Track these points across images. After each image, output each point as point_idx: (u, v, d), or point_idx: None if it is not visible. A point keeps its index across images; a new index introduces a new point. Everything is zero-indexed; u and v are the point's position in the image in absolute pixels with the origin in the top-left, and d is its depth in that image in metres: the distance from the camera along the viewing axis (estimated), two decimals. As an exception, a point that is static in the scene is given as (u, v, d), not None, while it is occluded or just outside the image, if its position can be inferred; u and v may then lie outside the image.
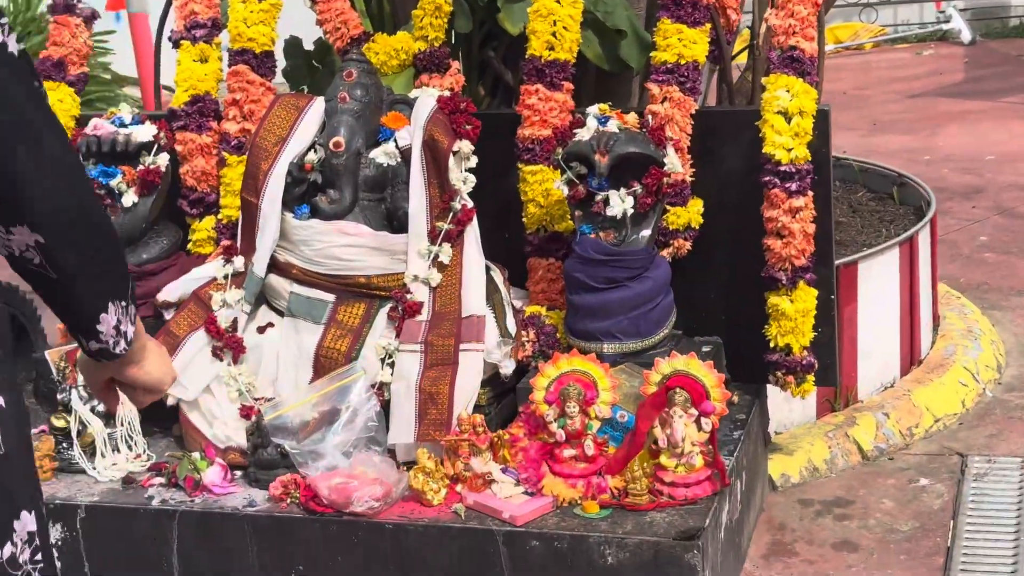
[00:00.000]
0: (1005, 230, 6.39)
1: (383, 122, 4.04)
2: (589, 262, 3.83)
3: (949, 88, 8.99)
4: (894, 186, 5.46)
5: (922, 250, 4.87)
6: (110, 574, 3.77)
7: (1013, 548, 3.93)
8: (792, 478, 4.35)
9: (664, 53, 4.01)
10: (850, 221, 5.15)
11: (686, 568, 3.35)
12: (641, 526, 3.43)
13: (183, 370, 3.92)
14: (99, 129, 4.22)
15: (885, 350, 4.73)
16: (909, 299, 4.80)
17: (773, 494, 4.30)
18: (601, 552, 3.41)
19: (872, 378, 4.69)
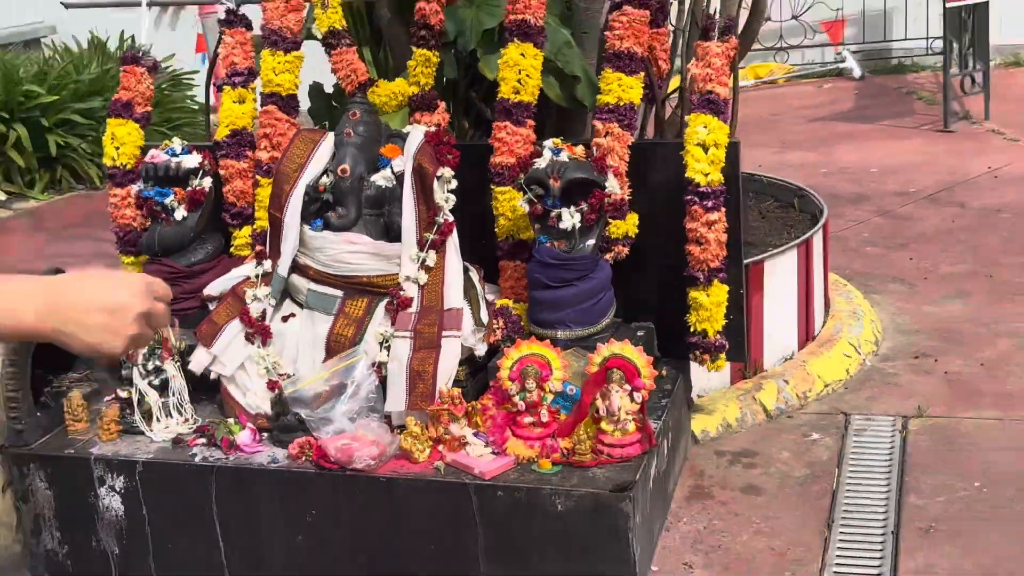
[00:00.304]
0: (883, 228, 6.13)
1: (382, 152, 3.78)
2: (546, 266, 3.59)
3: (843, 114, 8.73)
4: (795, 197, 5.21)
5: (815, 249, 4.62)
6: (162, 517, 3.54)
7: (885, 491, 3.68)
8: (710, 433, 4.10)
9: (607, 96, 3.75)
10: (759, 225, 4.90)
11: (620, 514, 3.16)
12: (585, 480, 3.23)
13: (222, 351, 3.74)
14: (155, 158, 3.97)
15: (785, 329, 4.47)
16: (805, 288, 4.54)
17: (695, 446, 4.05)
18: (552, 501, 3.20)
19: (775, 352, 4.44)
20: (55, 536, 3.66)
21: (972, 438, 3.94)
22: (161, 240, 3.97)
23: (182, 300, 3.97)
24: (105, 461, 3.56)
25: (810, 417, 4.19)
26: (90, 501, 3.59)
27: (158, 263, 3.99)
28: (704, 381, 4.16)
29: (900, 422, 4.09)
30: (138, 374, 3.68)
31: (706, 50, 3.71)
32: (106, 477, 3.57)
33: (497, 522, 3.25)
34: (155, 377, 3.69)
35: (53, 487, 3.63)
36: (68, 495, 3.62)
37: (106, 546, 3.62)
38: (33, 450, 3.64)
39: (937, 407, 4.17)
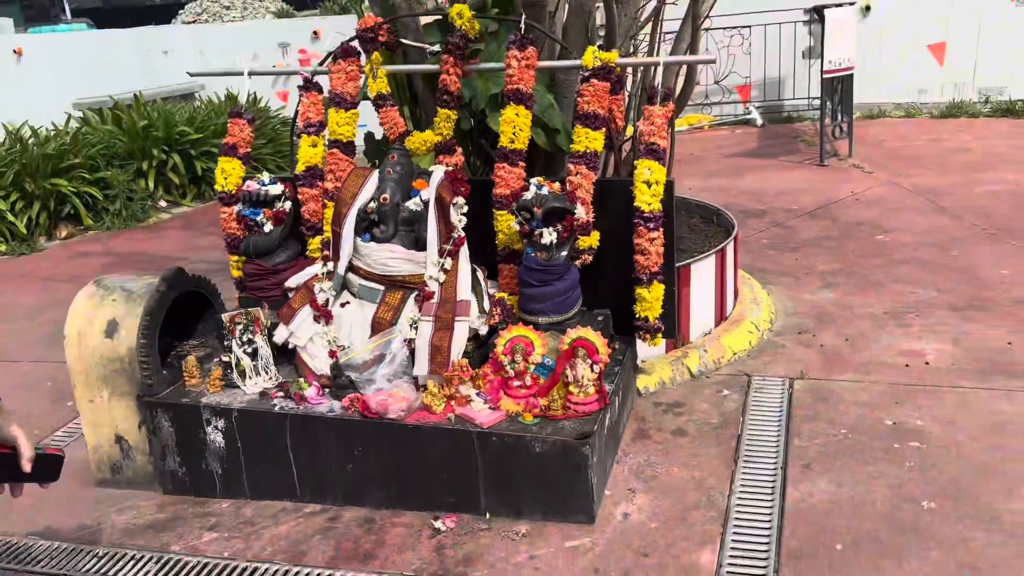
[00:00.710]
0: (778, 236, 5.79)
1: (413, 185, 3.48)
2: (531, 270, 3.30)
3: (749, 152, 8.38)
4: (714, 215, 4.89)
5: (728, 254, 4.31)
6: (252, 449, 3.30)
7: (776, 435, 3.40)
8: (650, 388, 3.81)
9: (577, 145, 3.44)
10: (688, 237, 4.59)
11: (581, 456, 2.92)
12: (556, 430, 2.98)
13: (297, 328, 3.49)
14: (250, 187, 3.68)
15: (705, 312, 4.18)
16: (720, 283, 4.24)
17: (639, 399, 3.77)
18: (532, 445, 2.95)
19: (697, 329, 4.14)
20: (176, 460, 3.42)
21: (839, 396, 3.66)
22: (255, 247, 3.70)
23: (270, 290, 3.71)
24: (211, 407, 3.31)
25: (723, 377, 3.90)
26: (200, 436, 3.35)
27: (253, 263, 3.72)
28: (646, 351, 3.88)
29: (787, 382, 3.80)
30: (236, 344, 3.42)
31: (650, 112, 3.40)
32: (211, 419, 3.32)
33: (493, 460, 3.00)
34: (248, 346, 3.43)
35: (174, 425, 3.39)
36: (185, 431, 3.38)
37: (212, 468, 3.38)
38: (160, 398, 3.39)
39: (815, 371, 3.88)
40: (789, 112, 10.02)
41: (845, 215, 6.12)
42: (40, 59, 9.39)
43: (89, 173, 7.91)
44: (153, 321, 3.38)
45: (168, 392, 3.43)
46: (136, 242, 7.36)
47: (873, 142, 8.27)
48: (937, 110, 9.44)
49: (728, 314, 4.34)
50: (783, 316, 4.49)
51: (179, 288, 3.52)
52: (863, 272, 5.02)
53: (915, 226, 5.75)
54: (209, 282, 3.71)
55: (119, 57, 10.23)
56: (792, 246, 5.57)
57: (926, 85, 9.76)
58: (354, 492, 3.22)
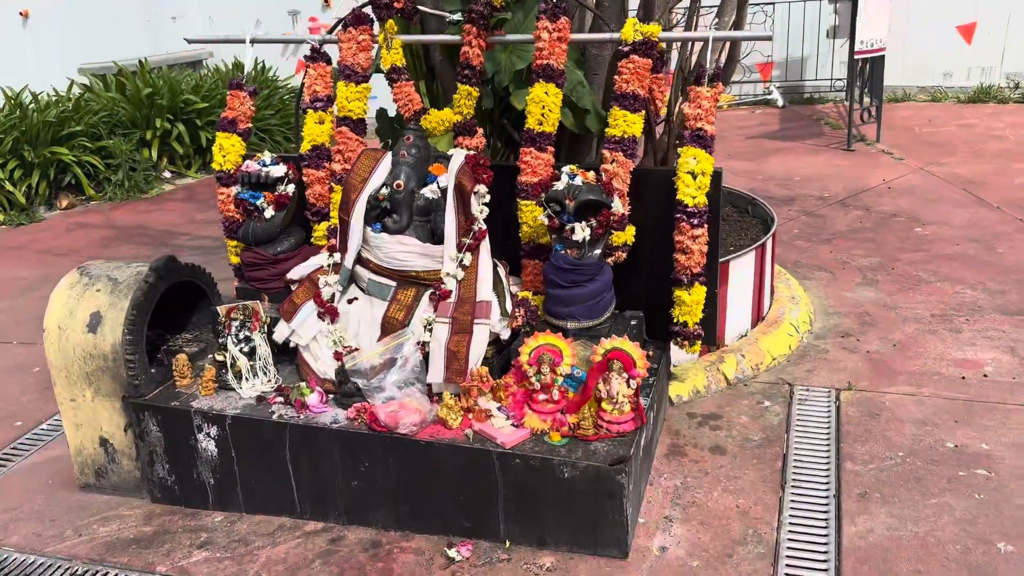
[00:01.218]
0: (809, 226, 5.35)
1: (430, 170, 3.05)
2: (560, 269, 2.88)
3: (771, 134, 7.90)
4: (748, 204, 4.44)
5: (767, 250, 3.87)
6: (247, 459, 2.91)
7: (825, 456, 3.00)
8: (683, 397, 3.41)
9: (614, 129, 3.00)
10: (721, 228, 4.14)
11: (616, 484, 2.52)
12: (588, 453, 2.56)
13: (299, 325, 3.07)
14: (250, 167, 3.25)
15: (742, 313, 3.76)
16: (759, 281, 3.81)
17: (671, 408, 3.36)
18: (561, 470, 2.54)
19: (733, 330, 3.73)
20: (165, 467, 3.04)
21: (892, 411, 3.25)
22: (254, 233, 3.27)
23: (270, 281, 3.29)
24: (202, 413, 2.92)
25: (762, 386, 3.49)
26: (190, 443, 2.96)
27: (251, 251, 3.30)
28: (679, 355, 3.47)
29: (834, 394, 3.39)
30: (231, 342, 3.01)
31: (697, 94, 2.96)
32: (203, 426, 2.93)
33: (515, 483, 2.60)
34: (245, 345, 3.02)
35: (163, 430, 2.99)
36: (174, 437, 2.99)
37: (204, 478, 3.00)
38: (147, 401, 3.00)
39: (862, 381, 3.47)
40: (811, 93, 9.51)
41: (878, 205, 5.68)
42: (47, 22, 8.89)
43: (91, 142, 7.47)
44: (140, 315, 2.98)
45: (157, 393, 3.04)
46: (138, 214, 6.94)
47: (900, 127, 7.79)
48: (964, 95, 8.93)
49: (765, 314, 3.92)
50: (822, 316, 4.07)
51: (170, 278, 3.11)
52: (904, 268, 4.59)
53: (954, 219, 5.31)
54: (203, 271, 3.30)
55: (126, 22, 9.71)
56: (825, 237, 5.13)
57: (952, 68, 9.24)
58: (359, 510, 2.83)
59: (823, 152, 7.16)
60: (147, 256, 5.71)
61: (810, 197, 5.93)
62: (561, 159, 3.14)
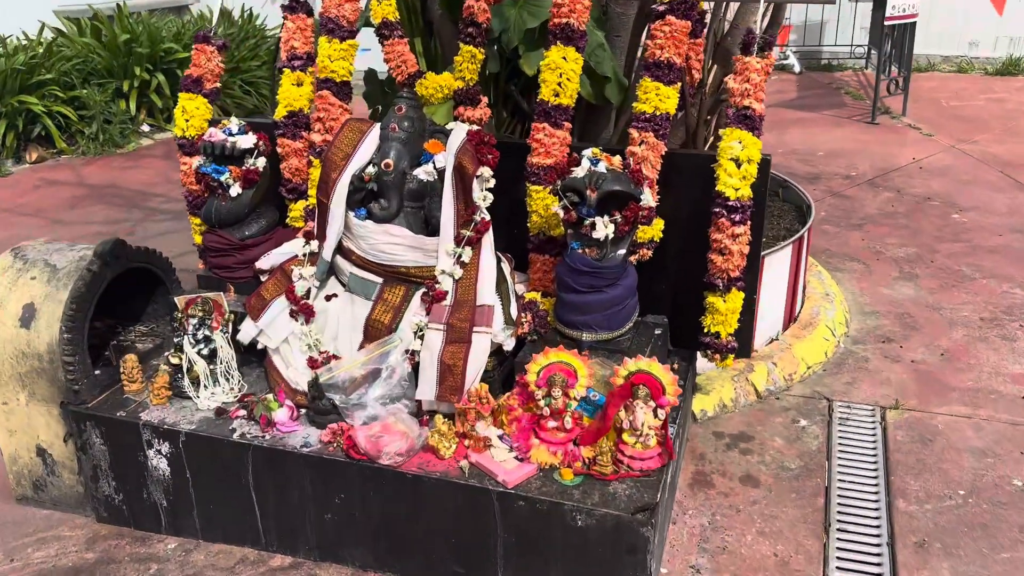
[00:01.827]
0: (837, 208, 4.88)
1: (425, 147, 2.57)
2: (576, 272, 2.41)
3: (788, 103, 7.37)
4: (779, 187, 3.96)
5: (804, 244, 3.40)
6: (204, 481, 2.47)
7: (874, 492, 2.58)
8: (708, 412, 2.97)
9: (644, 105, 2.52)
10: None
11: (639, 536, 2.08)
12: (606, 497, 2.13)
13: (268, 325, 2.60)
14: (213, 136, 2.75)
15: (774, 314, 3.30)
16: (794, 278, 3.36)
17: (695, 425, 2.93)
18: (573, 517, 2.11)
19: (764, 333, 3.29)
20: (111, 484, 2.60)
21: (946, 437, 2.82)
22: (218, 214, 2.78)
23: (237, 269, 2.82)
24: (152, 427, 2.47)
25: (796, 400, 3.06)
26: (139, 460, 2.53)
27: (215, 234, 2.81)
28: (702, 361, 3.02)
29: (878, 413, 2.96)
30: (188, 342, 2.55)
31: (745, 65, 2.47)
32: (153, 441, 2.49)
33: (517, 529, 2.17)
34: (204, 346, 2.56)
35: (107, 443, 2.55)
36: (121, 452, 2.55)
37: (156, 499, 2.56)
38: (89, 409, 2.55)
39: (910, 398, 3.04)
40: (829, 59, 8.95)
41: (910, 186, 5.20)
42: (18, -41, 8.22)
43: (63, 91, 6.92)
44: (81, 310, 2.51)
45: (101, 400, 2.59)
46: (112, 171, 6.41)
47: (926, 99, 7.27)
48: (991, 67, 8.39)
49: (798, 314, 3.47)
50: (859, 316, 3.63)
51: (118, 266, 2.64)
52: (944, 261, 4.14)
53: (994, 205, 4.84)
54: (159, 256, 2.82)
55: (105, -39, 9.04)
56: (855, 222, 4.67)
57: (978, 37, 8.68)
58: (333, 546, 2.41)
59: (846, 125, 6.65)
60: (119, 219, 5.22)
61: (836, 175, 5.45)
62: (574, 134, 2.66)
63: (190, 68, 3.00)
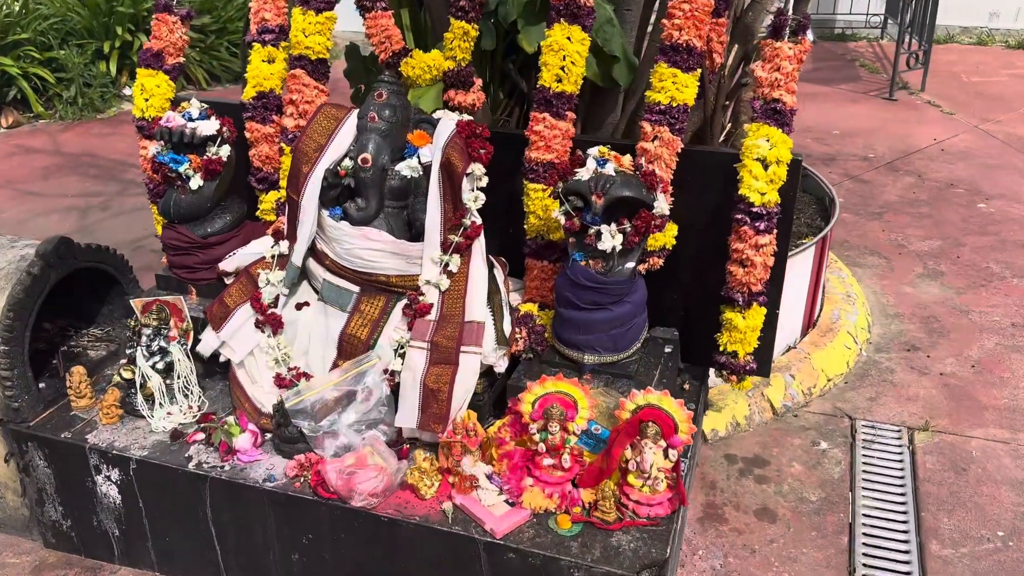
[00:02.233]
0: (855, 194, 4.56)
1: (409, 139, 2.25)
2: (578, 286, 2.10)
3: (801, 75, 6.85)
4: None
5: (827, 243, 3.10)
6: (158, 512, 2.20)
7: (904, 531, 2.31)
8: (719, 432, 2.70)
9: (659, 94, 2.19)
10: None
11: (646, 599, 1.76)
12: (608, 551, 1.86)
13: (231, 336, 2.29)
14: (171, 121, 2.42)
15: (792, 320, 3.01)
16: (815, 279, 3.06)
17: (705, 447, 2.65)
18: (571, 574, 1.80)
19: (781, 340, 2.98)
20: (58, 509, 2.33)
21: (982, 465, 2.55)
22: (177, 208, 2.47)
23: (199, 270, 2.52)
24: (100, 452, 2.19)
25: (816, 418, 2.78)
26: (87, 486, 2.25)
27: (174, 230, 2.50)
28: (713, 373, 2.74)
29: (906, 435, 2.69)
30: (141, 354, 2.26)
31: (776, 51, 2.15)
32: (101, 467, 2.21)
33: (506, 584, 1.90)
34: (160, 359, 2.27)
35: (52, 466, 2.28)
36: (66, 476, 2.27)
37: (107, 527, 2.30)
38: (31, 429, 2.26)
39: (940, 419, 2.76)
40: (843, 28, 8.53)
41: (932, 171, 4.87)
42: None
43: (39, 52, 6.53)
44: (19, 318, 2.22)
45: (45, 417, 2.30)
46: (91, 137, 6.06)
47: (945, 74, 6.90)
48: (1012, 39, 7.99)
49: (817, 317, 3.18)
50: (881, 319, 3.34)
51: (63, 267, 2.33)
52: (970, 257, 3.84)
53: (1022, 193, 4.53)
54: (113, 254, 2.52)
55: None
56: (875, 210, 4.36)
57: (999, 8, 8.27)
58: (302, 588, 2.14)
59: (862, 101, 6.29)
60: (94, 192, 4.89)
61: (852, 157, 5.12)
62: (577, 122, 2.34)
63: (150, 40, 2.67)
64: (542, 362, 2.23)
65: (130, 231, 4.34)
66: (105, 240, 3.74)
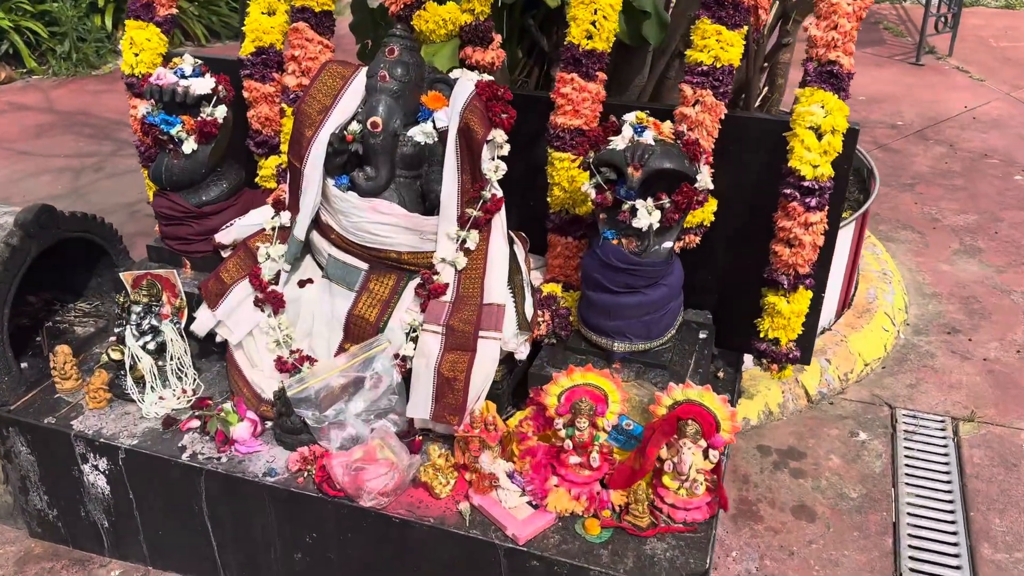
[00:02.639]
0: (884, 163, 4.34)
1: (423, 101, 2.03)
2: (609, 267, 1.90)
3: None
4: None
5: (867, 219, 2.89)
6: (149, 503, 2.03)
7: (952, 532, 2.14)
8: (752, 421, 2.52)
9: (701, 54, 1.97)
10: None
11: (684, 613, 1.59)
12: (642, 561, 1.68)
13: (229, 315, 2.10)
14: (161, 79, 2.19)
15: (828, 299, 2.81)
16: (853, 258, 2.85)
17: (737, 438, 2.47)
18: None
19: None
20: (43, 498, 2.16)
21: (1033, 459, 2.38)
22: (169, 174, 2.25)
23: (194, 241, 2.31)
24: (86, 440, 2.02)
25: (853, 406, 2.60)
26: (74, 475, 2.08)
27: (166, 198, 2.29)
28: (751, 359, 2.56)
29: (950, 425, 2.51)
30: (131, 334, 2.07)
31: (833, 7, 1.92)
32: (88, 456, 2.03)
33: (529, 594, 1.73)
34: (151, 339, 2.08)
35: (35, 453, 2.10)
36: (51, 464, 2.10)
37: (95, 518, 2.13)
38: (11, 413, 2.08)
39: (986, 408, 2.58)
40: (864, -10, 8.19)
41: (964, 140, 4.64)
42: None
43: (32, 4, 6.25)
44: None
45: (27, 400, 2.12)
46: (84, 95, 5.81)
47: (972, 38, 6.61)
48: (1042, 2, 7.69)
49: (852, 296, 2.98)
50: (918, 298, 3.14)
51: (46, 237, 2.14)
52: (1009, 233, 3.63)
53: (1060, 165, 4.31)
54: (102, 223, 2.31)
55: None
56: (906, 182, 4.13)
57: (1027, -32, 7.94)
58: (305, 588, 1.98)
59: (887, 65, 6.02)
60: (87, 152, 4.67)
61: (881, 124, 4.87)
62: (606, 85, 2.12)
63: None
64: (566, 348, 2.04)
65: (125, 194, 4.13)
66: (99, 203, 3.53)
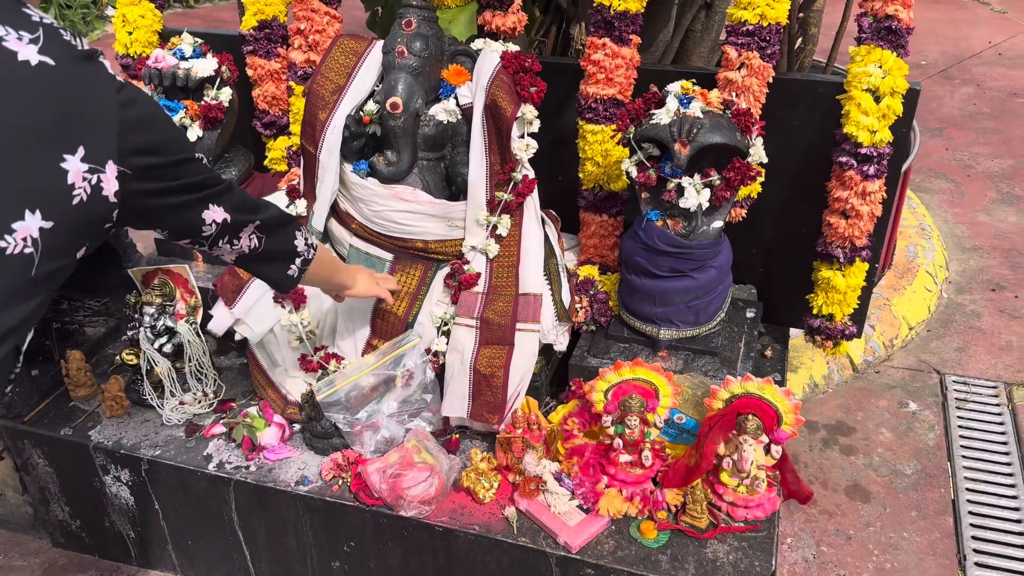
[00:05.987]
0: (910, 109, 4.13)
1: (444, 76, 1.87)
2: (653, 251, 1.76)
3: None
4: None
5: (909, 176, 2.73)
6: (177, 514, 1.93)
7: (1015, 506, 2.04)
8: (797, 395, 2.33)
9: (745, 11, 1.79)
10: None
11: (751, 621, 1.49)
12: (704, 567, 1.59)
13: (247, 312, 1.96)
14: (160, 61, 2.02)
15: (869, 261, 2.66)
16: (895, 216, 2.70)
17: (780, 412, 2.36)
18: None
19: (855, 285, 2.63)
20: (64, 509, 2.07)
21: (1093, 424, 2.27)
22: (173, 164, 2.10)
23: (204, 234, 2.16)
24: (106, 451, 1.90)
25: (901, 375, 2.48)
26: (95, 487, 1.97)
27: (173, 189, 2.14)
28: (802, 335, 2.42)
29: (1003, 391, 2.39)
30: (145, 336, 1.94)
31: (891, -45, 1.74)
32: (109, 467, 1.93)
33: (584, 603, 1.64)
34: (167, 341, 1.96)
35: (52, 465, 2.00)
36: (71, 475, 2.00)
37: (120, 529, 2.03)
38: (25, 424, 1.97)
39: (1039, 371, 2.47)
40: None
41: (990, 78, 4.44)
42: None
43: (12, -29, 5.97)
44: None
45: (41, 410, 2.01)
46: (75, 67, 5.58)
47: (991, -34, 6.33)
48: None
49: (892, 255, 2.84)
50: (957, 253, 3.00)
51: (46, 237, 1.99)
52: (1046, 177, 3.48)
53: (1093, 101, 4.12)
54: (104, 217, 2.16)
55: None
56: (935, 126, 3.95)
57: None
58: (344, 595, 1.89)
59: None
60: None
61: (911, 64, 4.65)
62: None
63: (126, -41, 2.24)
64: (607, 336, 1.91)
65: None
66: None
